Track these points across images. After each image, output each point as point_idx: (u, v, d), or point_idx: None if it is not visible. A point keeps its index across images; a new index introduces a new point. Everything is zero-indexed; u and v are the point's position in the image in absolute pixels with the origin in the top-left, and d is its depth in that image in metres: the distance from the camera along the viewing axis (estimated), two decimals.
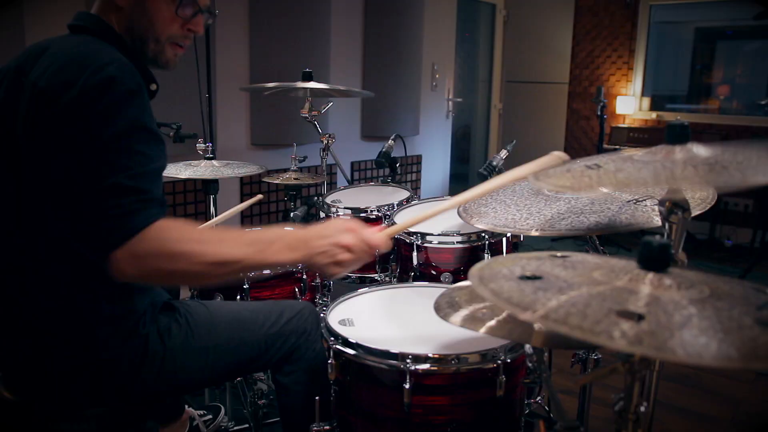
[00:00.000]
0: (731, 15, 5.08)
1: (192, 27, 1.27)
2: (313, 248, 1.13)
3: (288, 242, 1.13)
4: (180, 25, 1.25)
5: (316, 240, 1.14)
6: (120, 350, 1.20)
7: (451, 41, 4.84)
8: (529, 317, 0.68)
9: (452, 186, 5.18)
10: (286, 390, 1.50)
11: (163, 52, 1.26)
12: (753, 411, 2.43)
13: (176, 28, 1.25)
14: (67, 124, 1.05)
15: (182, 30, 1.26)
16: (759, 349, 0.61)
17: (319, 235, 1.15)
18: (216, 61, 3.06)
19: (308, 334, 1.50)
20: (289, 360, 1.48)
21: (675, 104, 5.36)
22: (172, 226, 1.06)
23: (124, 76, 1.07)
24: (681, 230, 0.99)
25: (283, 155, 3.40)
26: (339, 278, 2.04)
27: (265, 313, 1.44)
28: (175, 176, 2.16)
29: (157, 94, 1.29)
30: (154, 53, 1.25)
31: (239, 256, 1.08)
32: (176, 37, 1.26)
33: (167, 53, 1.27)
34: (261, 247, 1.10)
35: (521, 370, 1.35)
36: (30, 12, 2.42)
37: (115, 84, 1.05)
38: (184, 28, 1.26)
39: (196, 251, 1.05)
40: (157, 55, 1.26)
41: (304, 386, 1.49)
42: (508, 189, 1.54)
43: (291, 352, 1.47)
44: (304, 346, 1.49)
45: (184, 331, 1.31)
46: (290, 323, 1.46)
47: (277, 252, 1.11)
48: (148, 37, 1.23)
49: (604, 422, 2.20)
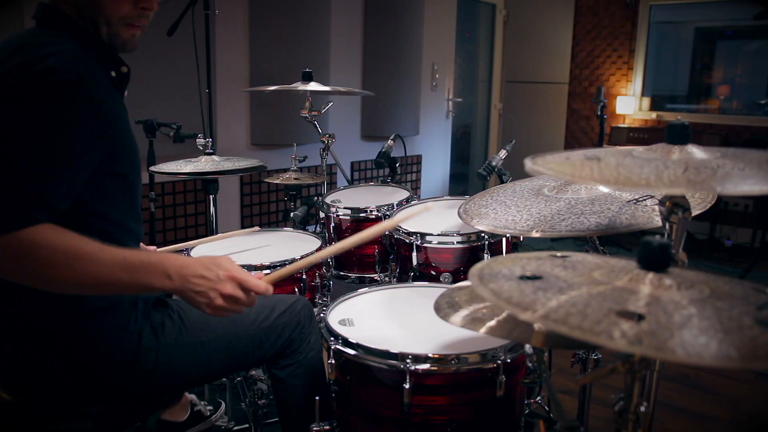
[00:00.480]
0: (731, 15, 5.08)
1: (144, 5, 1.21)
2: (189, 284, 1.09)
3: (166, 269, 1.08)
4: (132, 5, 1.19)
5: (196, 277, 1.09)
6: (111, 346, 1.20)
7: (451, 41, 4.84)
8: (529, 317, 0.68)
9: (452, 186, 5.18)
10: (283, 384, 1.50)
11: (117, 34, 1.20)
12: (753, 411, 2.43)
13: (128, 8, 1.19)
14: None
15: (135, 9, 1.20)
16: (759, 349, 0.61)
17: (200, 274, 1.10)
18: (216, 61, 3.05)
19: (302, 327, 1.50)
20: (284, 354, 1.48)
21: (675, 104, 5.36)
22: (53, 234, 1.02)
23: (64, 67, 1.05)
24: (681, 230, 0.99)
25: (283, 155, 3.40)
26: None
27: (257, 308, 1.43)
28: (176, 171, 2.14)
29: (129, 76, 1.26)
30: (108, 36, 1.20)
31: (112, 279, 1.04)
32: (130, 18, 1.20)
33: (123, 35, 1.21)
34: (136, 272, 1.06)
35: (521, 370, 1.35)
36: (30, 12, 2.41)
37: (48, 76, 1.03)
38: (138, 7, 1.20)
39: (69, 265, 1.01)
40: (112, 38, 1.20)
41: (301, 379, 1.49)
42: (508, 189, 1.53)
43: (286, 345, 1.48)
44: (298, 339, 1.49)
45: (178, 327, 1.31)
46: (282, 317, 1.46)
47: (152, 277, 1.07)
48: (99, 20, 1.18)
49: (604, 422, 2.20)
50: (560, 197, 1.38)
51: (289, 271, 1.27)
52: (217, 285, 1.10)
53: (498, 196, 1.49)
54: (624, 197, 1.33)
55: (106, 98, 1.14)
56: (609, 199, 1.33)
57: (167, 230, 3.06)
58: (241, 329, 1.40)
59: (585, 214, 1.28)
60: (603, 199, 1.33)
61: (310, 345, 1.51)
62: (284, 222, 3.35)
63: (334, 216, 2.21)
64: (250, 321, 1.42)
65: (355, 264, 2.22)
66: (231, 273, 1.12)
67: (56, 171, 1.04)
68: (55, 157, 1.04)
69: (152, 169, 2.24)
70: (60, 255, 1.01)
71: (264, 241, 2.08)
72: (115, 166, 1.18)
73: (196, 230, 3.17)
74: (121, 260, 1.05)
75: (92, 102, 1.09)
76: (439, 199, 2.31)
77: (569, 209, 1.31)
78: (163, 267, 1.08)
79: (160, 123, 2.44)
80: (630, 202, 1.30)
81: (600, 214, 1.27)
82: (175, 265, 1.09)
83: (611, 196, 1.35)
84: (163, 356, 1.26)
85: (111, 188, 1.19)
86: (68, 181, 1.07)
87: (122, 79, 1.25)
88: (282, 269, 1.25)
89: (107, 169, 1.15)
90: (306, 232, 2.16)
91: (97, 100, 1.10)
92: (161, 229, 3.03)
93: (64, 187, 1.06)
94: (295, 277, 1.84)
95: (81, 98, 1.07)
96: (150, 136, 2.47)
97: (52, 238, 1.02)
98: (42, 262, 1.00)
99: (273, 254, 1.89)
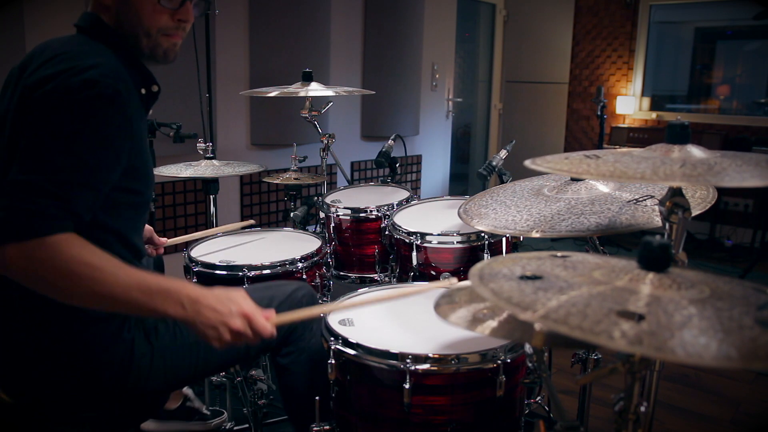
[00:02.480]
0: (731, 15, 5.08)
1: (182, 17, 1.23)
2: (202, 316, 1.09)
3: (181, 298, 1.08)
4: (169, 17, 1.22)
5: (208, 311, 1.10)
6: (105, 354, 1.19)
7: (451, 41, 4.84)
8: (529, 317, 0.68)
9: (452, 186, 5.17)
10: (287, 371, 1.51)
11: (158, 45, 1.23)
12: (753, 411, 2.43)
13: (166, 20, 1.22)
14: (28, 113, 1.06)
15: (173, 21, 1.23)
16: (759, 349, 0.61)
17: (213, 307, 1.10)
18: (216, 61, 3.06)
19: None
20: (286, 342, 1.49)
21: (675, 104, 5.35)
22: (77, 244, 1.02)
23: (105, 81, 1.06)
24: (681, 230, 0.99)
25: (283, 155, 3.40)
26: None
27: (256, 300, 1.43)
28: (175, 175, 2.17)
29: (159, 95, 1.28)
30: (148, 48, 1.23)
31: (127, 298, 1.04)
32: (168, 29, 1.23)
33: (163, 44, 1.24)
34: (151, 296, 1.06)
35: (521, 370, 1.35)
36: (30, 12, 2.42)
37: (89, 88, 1.05)
38: (174, 19, 1.23)
39: (88, 277, 1.01)
40: (153, 49, 1.23)
41: (304, 366, 1.49)
42: (508, 189, 1.54)
43: (288, 333, 1.48)
44: (300, 326, 1.49)
45: (172, 329, 1.30)
46: (282, 306, 1.45)
47: (166, 303, 1.07)
48: (138, 32, 1.21)
49: (604, 422, 2.20)
50: (560, 197, 1.38)
51: (298, 317, 1.28)
52: (228, 320, 1.10)
53: (498, 196, 1.49)
54: (624, 197, 1.33)
55: (136, 116, 1.16)
56: (609, 200, 1.33)
57: (167, 230, 3.06)
58: None
59: (585, 214, 1.28)
60: (603, 200, 1.33)
61: (312, 331, 1.51)
62: (284, 222, 3.35)
63: (334, 216, 2.21)
64: None
65: (355, 264, 2.22)
66: (243, 310, 1.12)
67: (85, 181, 1.05)
68: (85, 167, 1.05)
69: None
70: (81, 266, 1.01)
71: (264, 241, 2.08)
72: (130, 183, 1.19)
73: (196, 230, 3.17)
74: (139, 282, 1.05)
75: (125, 118, 1.11)
76: (439, 199, 2.31)
77: (569, 209, 1.31)
78: (178, 296, 1.08)
79: (160, 123, 2.44)
80: (630, 202, 1.30)
81: (600, 214, 1.27)
82: (190, 295, 1.09)
83: (611, 197, 1.35)
84: (158, 360, 1.26)
85: (123, 203, 1.20)
86: (94, 192, 1.08)
87: (150, 97, 1.27)
88: (291, 313, 1.25)
89: (123, 184, 1.16)
90: (306, 232, 2.17)
91: (129, 116, 1.12)
92: (161, 229, 3.03)
93: (90, 198, 1.07)
94: (295, 276, 1.84)
95: (117, 113, 1.09)
96: (150, 136, 2.47)
97: (77, 249, 1.02)
98: (62, 271, 1.00)
99: (273, 254, 1.89)
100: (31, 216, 0.99)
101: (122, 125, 1.10)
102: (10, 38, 2.35)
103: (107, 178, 1.10)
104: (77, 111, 1.04)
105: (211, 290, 1.13)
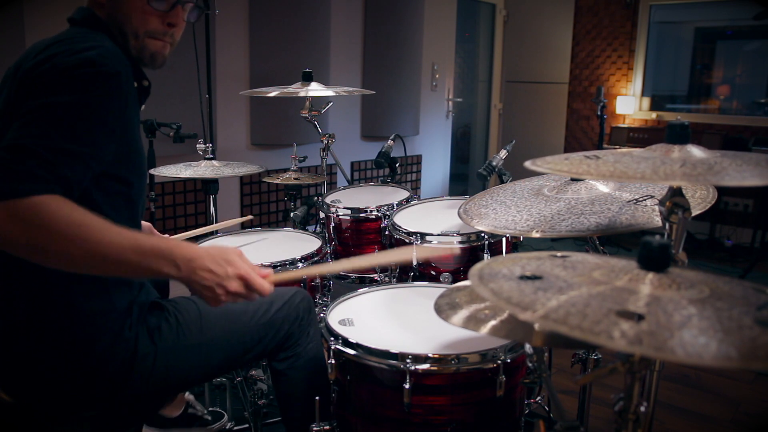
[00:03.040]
0: (731, 15, 5.07)
1: (171, 20, 1.22)
2: (197, 276, 1.08)
3: (175, 257, 1.06)
4: (159, 20, 1.21)
5: (204, 271, 1.08)
6: (107, 353, 1.19)
7: (451, 41, 4.84)
8: (529, 317, 0.68)
9: (452, 186, 5.17)
10: (283, 376, 1.50)
11: (144, 47, 1.22)
12: (753, 411, 2.43)
13: (155, 23, 1.20)
14: (25, 87, 1.06)
15: (162, 25, 1.21)
16: (759, 349, 0.61)
17: (208, 268, 1.08)
18: (216, 61, 3.06)
19: (301, 320, 1.50)
20: (283, 347, 1.48)
21: (675, 104, 5.35)
22: (65, 205, 1.00)
23: (104, 61, 1.06)
24: (681, 230, 0.99)
25: (283, 155, 3.40)
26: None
27: (256, 303, 1.42)
28: (175, 176, 2.17)
29: (150, 90, 1.27)
30: (135, 50, 1.22)
31: (119, 258, 1.02)
32: (156, 33, 1.21)
33: (149, 48, 1.22)
34: (145, 256, 1.04)
35: (521, 370, 1.35)
36: (30, 12, 2.42)
37: (87, 66, 1.04)
38: (164, 22, 1.21)
39: (78, 237, 0.99)
40: (140, 51, 1.22)
41: (301, 371, 1.49)
42: (508, 189, 1.53)
43: (285, 339, 1.47)
44: (297, 332, 1.49)
45: (175, 330, 1.30)
46: (281, 311, 1.46)
47: (160, 263, 1.05)
48: (127, 32, 1.20)
49: (604, 422, 2.20)
50: (560, 197, 1.38)
51: (295, 276, 1.27)
52: (224, 282, 1.09)
53: (498, 197, 1.49)
54: (624, 197, 1.33)
55: (131, 102, 1.16)
56: (609, 200, 1.33)
57: (167, 230, 3.06)
58: (239, 326, 1.39)
59: (585, 214, 1.28)
60: (603, 200, 1.33)
61: (309, 337, 1.51)
62: (284, 222, 3.35)
63: (334, 216, 2.21)
64: (248, 317, 1.41)
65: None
66: (239, 271, 1.11)
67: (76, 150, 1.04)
68: (77, 138, 1.04)
69: (152, 171, 2.25)
70: (69, 226, 0.99)
71: (264, 241, 2.08)
72: (121, 170, 1.18)
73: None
74: (132, 241, 1.03)
75: (122, 98, 1.10)
76: (439, 199, 2.31)
77: (569, 209, 1.31)
78: (172, 255, 1.06)
79: (160, 123, 2.44)
80: (630, 202, 1.30)
81: (600, 214, 1.27)
82: (184, 255, 1.07)
83: (611, 197, 1.35)
84: (161, 360, 1.26)
85: (116, 193, 1.19)
86: (83, 164, 1.06)
87: (142, 92, 1.26)
88: (288, 272, 1.25)
89: (113, 171, 1.16)
90: (306, 232, 2.17)
91: (126, 99, 1.12)
92: (161, 229, 3.03)
93: (79, 170, 1.05)
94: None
95: (114, 91, 1.08)
96: (150, 136, 2.47)
97: (65, 210, 0.99)
98: (52, 231, 0.98)
99: (273, 254, 1.89)
100: (17, 175, 0.97)
101: (118, 105, 1.09)
102: (10, 38, 2.35)
103: (98, 154, 1.08)
104: (73, 85, 1.04)
105: (207, 249, 1.11)
